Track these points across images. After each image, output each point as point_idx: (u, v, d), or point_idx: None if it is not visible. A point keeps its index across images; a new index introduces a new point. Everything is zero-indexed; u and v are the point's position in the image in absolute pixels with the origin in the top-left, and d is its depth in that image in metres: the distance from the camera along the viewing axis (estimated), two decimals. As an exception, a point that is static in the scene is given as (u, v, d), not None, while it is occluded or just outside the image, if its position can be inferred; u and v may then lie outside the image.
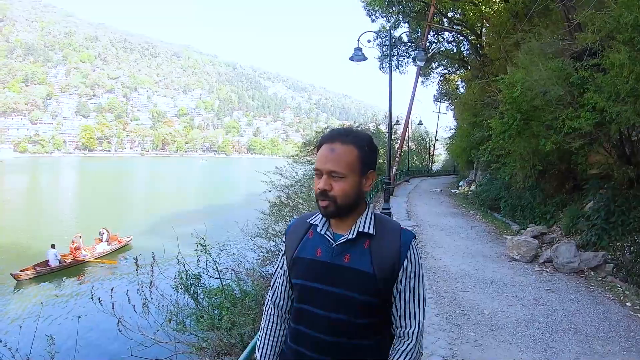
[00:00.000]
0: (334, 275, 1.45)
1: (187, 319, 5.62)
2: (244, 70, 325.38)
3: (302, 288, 1.52)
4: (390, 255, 1.44)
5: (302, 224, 1.63)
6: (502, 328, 4.94)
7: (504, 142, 10.19)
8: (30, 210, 35.11)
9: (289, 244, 1.62)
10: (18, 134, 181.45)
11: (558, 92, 7.96)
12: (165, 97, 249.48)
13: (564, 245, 7.56)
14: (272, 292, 1.69)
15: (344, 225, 1.51)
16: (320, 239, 1.53)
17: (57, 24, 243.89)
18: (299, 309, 1.54)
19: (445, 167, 52.60)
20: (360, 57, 12.50)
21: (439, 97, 38.48)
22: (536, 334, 4.78)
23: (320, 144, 1.48)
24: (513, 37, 12.46)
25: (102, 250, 18.45)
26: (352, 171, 1.43)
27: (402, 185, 28.39)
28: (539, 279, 6.96)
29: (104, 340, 8.91)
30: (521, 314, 5.37)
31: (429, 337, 4.63)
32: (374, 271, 1.42)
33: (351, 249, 1.46)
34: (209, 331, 5.00)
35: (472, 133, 18.82)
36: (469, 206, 16.87)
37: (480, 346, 4.47)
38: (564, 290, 6.36)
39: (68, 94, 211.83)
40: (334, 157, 1.42)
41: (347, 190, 1.43)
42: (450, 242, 9.96)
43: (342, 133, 1.47)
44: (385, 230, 1.49)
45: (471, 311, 5.48)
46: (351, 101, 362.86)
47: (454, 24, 24.90)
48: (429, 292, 6.18)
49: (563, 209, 10.27)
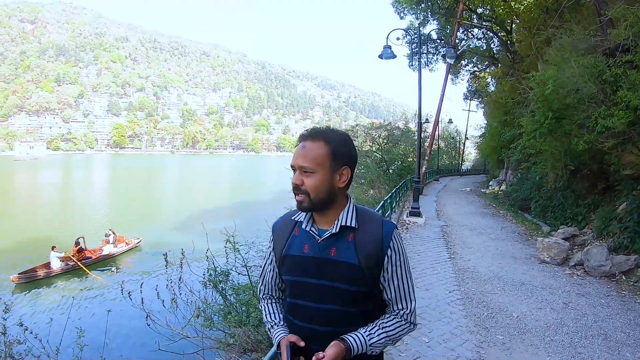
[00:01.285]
0: (322, 269, 1.52)
1: (215, 315, 5.67)
2: (273, 69, 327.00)
3: (294, 284, 1.59)
4: (374, 246, 1.52)
5: (287, 221, 1.69)
6: (531, 332, 4.83)
7: (535, 141, 10.01)
8: (64, 205, 36.16)
9: (276, 242, 1.68)
10: (51, 132, 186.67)
11: (590, 90, 7.74)
12: (195, 96, 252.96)
13: (596, 248, 7.35)
14: (263, 286, 1.80)
15: (327, 220, 1.58)
16: (306, 235, 1.59)
17: (88, 25, 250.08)
18: (292, 303, 1.61)
19: (476, 166, 51.98)
20: (389, 55, 12.43)
21: (469, 95, 37.94)
22: (565, 338, 4.65)
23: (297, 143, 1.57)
24: (544, 34, 12.20)
25: (107, 253, 17.77)
26: (321, 166, 1.49)
27: (431, 184, 28.22)
28: (569, 282, 6.78)
29: (133, 335, 9.10)
30: (550, 318, 5.24)
31: (456, 339, 4.57)
32: (359, 262, 1.49)
33: (336, 243, 1.53)
34: (236, 327, 5.03)
35: (502, 132, 18.53)
36: (499, 206, 16.60)
37: (508, 350, 4.37)
38: (595, 295, 6.17)
39: (99, 93, 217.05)
40: (303, 153, 1.50)
41: (317, 185, 1.49)
42: (480, 243, 9.82)
43: (313, 131, 1.55)
44: (367, 222, 1.56)
45: (499, 314, 5.38)
46: (380, 99, 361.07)
47: (484, 20, 24.50)
48: (457, 293, 6.13)
49: (595, 211, 9.94)
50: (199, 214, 28.01)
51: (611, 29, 8.39)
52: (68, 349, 5.15)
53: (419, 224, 12.09)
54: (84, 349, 4.94)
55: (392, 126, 27.61)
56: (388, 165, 24.52)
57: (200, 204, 36.11)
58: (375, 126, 28.19)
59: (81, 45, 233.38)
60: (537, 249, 8.44)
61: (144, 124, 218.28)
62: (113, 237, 18.55)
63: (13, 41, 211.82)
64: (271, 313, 1.72)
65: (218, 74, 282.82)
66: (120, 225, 21.44)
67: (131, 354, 7.84)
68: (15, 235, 21.79)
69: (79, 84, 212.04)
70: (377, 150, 25.30)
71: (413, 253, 8.59)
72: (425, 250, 8.88)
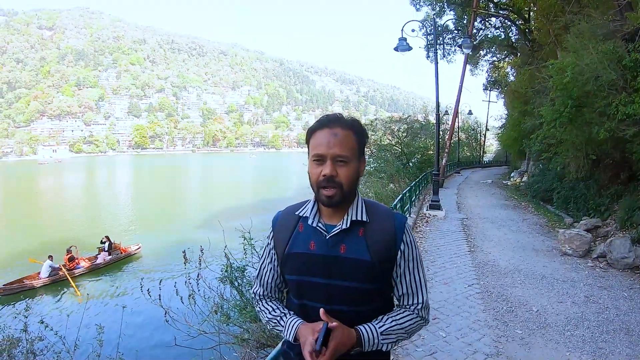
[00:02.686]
0: (331, 268, 1.42)
1: (232, 310, 5.71)
2: (291, 65, 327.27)
3: (300, 284, 1.49)
4: (386, 240, 1.43)
5: (290, 216, 1.57)
6: (551, 326, 4.73)
7: (555, 131, 9.84)
8: (89, 206, 36.98)
9: (278, 239, 1.57)
10: (73, 135, 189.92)
11: (610, 77, 7.58)
12: (214, 95, 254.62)
13: (619, 240, 7.18)
14: (261, 287, 1.67)
15: (335, 215, 1.48)
16: (312, 231, 1.48)
17: (106, 30, 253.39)
18: (300, 305, 1.51)
19: (497, 158, 51.28)
20: (404, 47, 12.36)
21: (488, 86, 37.41)
22: (586, 333, 4.54)
23: (314, 130, 1.44)
24: (562, 20, 11.94)
25: (102, 261, 16.82)
26: (354, 156, 1.41)
27: (452, 177, 27.99)
28: (591, 275, 6.64)
29: (151, 332, 9.25)
30: (571, 312, 5.14)
31: (474, 334, 4.52)
32: (372, 258, 1.40)
33: (346, 239, 1.43)
34: (252, 322, 5.06)
35: (523, 122, 18.23)
36: (520, 198, 16.37)
37: (527, 345, 4.29)
38: (617, 288, 6.03)
39: (119, 96, 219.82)
40: (338, 141, 1.38)
41: (351, 175, 1.41)
42: (501, 235, 9.71)
43: (340, 118, 1.44)
44: (377, 215, 1.48)
45: (519, 308, 5.30)
46: (400, 92, 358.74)
47: (501, 8, 24.12)
48: (476, 286, 6.07)
49: (618, 201, 9.69)
50: (221, 211, 28.25)
51: (629, 12, 8.17)
52: (87, 344, 5.26)
53: (439, 217, 12.01)
54: (103, 345, 5.05)
55: (412, 119, 27.42)
56: (408, 158, 24.37)
57: (222, 201, 36.48)
58: (394, 120, 28.01)
59: (100, 49, 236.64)
60: (558, 241, 8.29)
61: (165, 124, 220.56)
62: (109, 244, 17.66)
63: (32, 48, 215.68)
64: (275, 308, 1.60)
65: (236, 73, 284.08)
66: (142, 224, 21.78)
67: (149, 351, 7.97)
68: (41, 236, 22.34)
69: (99, 87, 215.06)
70: (397, 144, 25.15)
71: (433, 247, 8.54)
72: (445, 244, 8.81)
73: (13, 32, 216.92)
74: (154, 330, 8.92)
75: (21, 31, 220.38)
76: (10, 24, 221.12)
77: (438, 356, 4.01)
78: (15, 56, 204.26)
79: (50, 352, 5.05)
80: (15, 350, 4.88)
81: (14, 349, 4.87)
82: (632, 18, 7.73)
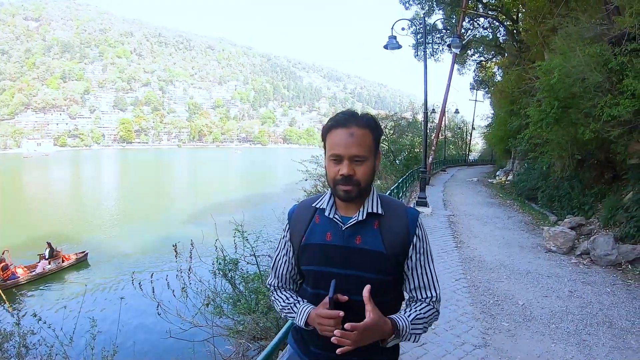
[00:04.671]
0: (348, 258, 1.46)
1: (225, 303, 5.77)
2: (278, 61, 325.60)
3: (317, 274, 1.53)
4: (400, 233, 1.48)
5: (306, 208, 1.62)
6: (536, 319, 4.88)
7: (541, 131, 10.01)
8: (76, 200, 36.63)
9: (294, 231, 1.61)
10: (58, 129, 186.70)
11: (596, 79, 7.74)
12: (201, 90, 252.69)
13: (602, 237, 7.36)
14: (275, 279, 1.71)
15: (351, 207, 1.52)
16: (329, 222, 1.53)
17: (92, 22, 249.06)
18: (315, 294, 1.54)
19: (483, 157, 51.75)
20: (394, 45, 12.43)
21: (475, 85, 37.67)
22: (570, 326, 4.70)
23: (329, 128, 1.47)
24: (550, 22, 12.12)
25: (41, 271, 15.13)
26: (370, 154, 1.45)
27: (438, 174, 28.17)
28: (575, 271, 6.81)
29: (143, 326, 9.26)
30: (556, 306, 5.29)
31: (462, 325, 4.65)
32: (386, 250, 1.45)
33: (361, 231, 1.48)
34: (246, 315, 5.12)
35: (509, 121, 18.47)
36: (505, 196, 16.58)
37: (514, 337, 4.43)
38: (600, 283, 6.20)
39: (105, 89, 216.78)
40: (355, 141, 1.42)
41: (368, 172, 1.45)
42: (487, 232, 9.87)
43: (355, 116, 1.47)
44: (392, 209, 1.53)
45: (505, 301, 5.44)
46: (387, 90, 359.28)
47: (490, 9, 24.33)
48: (463, 281, 6.20)
49: (602, 200, 9.91)
50: (209, 206, 28.21)
51: (617, 16, 8.35)
52: (81, 338, 5.29)
53: (425, 213, 12.13)
54: (96, 338, 5.07)
55: (399, 117, 27.58)
56: (395, 156, 24.53)
57: (209, 197, 36.39)
58: (381, 117, 28.15)
59: (86, 41, 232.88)
60: (543, 238, 8.46)
61: (151, 118, 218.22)
62: (49, 251, 15.96)
63: (18, 39, 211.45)
64: (289, 297, 1.64)
65: (223, 67, 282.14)
66: (130, 219, 21.61)
67: (142, 344, 7.98)
68: (29, 231, 22.10)
69: (85, 80, 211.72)
70: (384, 141, 25.29)
71: (420, 243, 8.64)
72: (432, 240, 8.87)
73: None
74: (147, 324, 8.93)
75: (6, 22, 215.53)
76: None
77: (428, 347, 4.12)
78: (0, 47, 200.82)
79: (42, 346, 5.06)
80: (7, 344, 4.88)
81: (6, 342, 4.87)
82: (620, 22, 7.90)
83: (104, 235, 18.63)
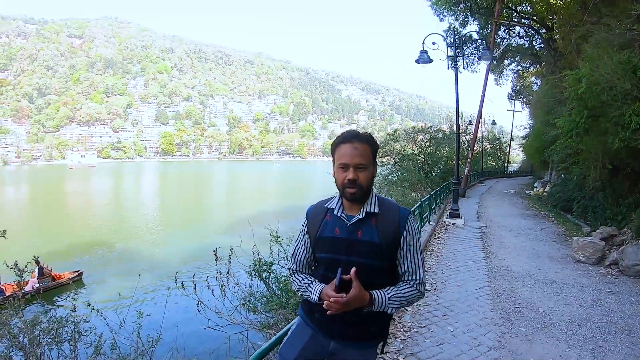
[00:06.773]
0: (351, 248, 1.88)
1: (258, 301, 6.14)
2: (316, 75, 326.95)
3: (329, 260, 1.94)
4: (392, 228, 1.88)
5: (320, 208, 2.05)
6: (554, 326, 4.95)
7: (572, 141, 9.92)
8: (119, 209, 37.96)
9: (310, 226, 2.04)
10: (101, 141, 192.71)
11: (624, 86, 7.69)
12: (241, 103, 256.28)
13: (631, 247, 7.29)
14: (295, 264, 2.14)
15: (354, 207, 1.93)
16: (337, 220, 1.95)
17: (134, 39, 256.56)
18: (325, 276, 1.94)
19: (523, 168, 50.58)
20: (425, 60, 12.52)
21: (513, 95, 37.16)
22: (587, 333, 4.75)
23: (338, 144, 1.90)
24: (581, 30, 11.99)
25: (30, 289, 13.32)
26: (370, 163, 1.88)
27: (476, 186, 27.91)
28: (601, 281, 6.79)
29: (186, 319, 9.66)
30: (576, 314, 5.33)
31: (480, 329, 4.79)
32: (380, 241, 1.86)
33: (362, 226, 1.90)
34: (276, 310, 5.48)
35: (544, 132, 18.20)
36: (541, 207, 16.36)
37: (529, 341, 4.53)
38: (625, 293, 6.18)
39: (147, 103, 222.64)
40: (359, 153, 1.84)
41: (369, 177, 1.88)
42: (517, 243, 9.86)
43: (358, 134, 1.90)
44: (386, 208, 1.94)
45: (526, 308, 5.52)
46: (425, 102, 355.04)
47: (524, 17, 24.09)
48: (487, 289, 6.30)
49: (636, 210, 9.75)
50: (245, 217, 28.73)
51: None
52: (128, 326, 5.73)
53: (458, 225, 12.17)
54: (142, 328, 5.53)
55: (435, 129, 27.45)
56: (431, 168, 24.44)
57: (245, 208, 37.00)
58: (417, 129, 28.11)
59: (128, 57, 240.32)
60: (572, 249, 8.41)
61: (191, 131, 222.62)
62: (39, 269, 14.73)
63: (62, 56, 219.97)
64: (304, 278, 2.05)
65: (262, 82, 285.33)
66: (171, 229, 22.21)
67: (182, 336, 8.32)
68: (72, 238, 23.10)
69: (127, 95, 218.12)
70: (420, 154, 25.24)
71: (449, 252, 8.75)
72: (462, 250, 9.01)
73: (43, 40, 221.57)
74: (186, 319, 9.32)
75: (51, 39, 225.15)
76: (40, 32, 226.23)
77: (444, 347, 4.31)
78: (45, 63, 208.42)
79: (92, 335, 5.50)
80: (62, 330, 5.33)
81: (61, 328, 5.32)
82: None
83: (152, 245, 19.23)
